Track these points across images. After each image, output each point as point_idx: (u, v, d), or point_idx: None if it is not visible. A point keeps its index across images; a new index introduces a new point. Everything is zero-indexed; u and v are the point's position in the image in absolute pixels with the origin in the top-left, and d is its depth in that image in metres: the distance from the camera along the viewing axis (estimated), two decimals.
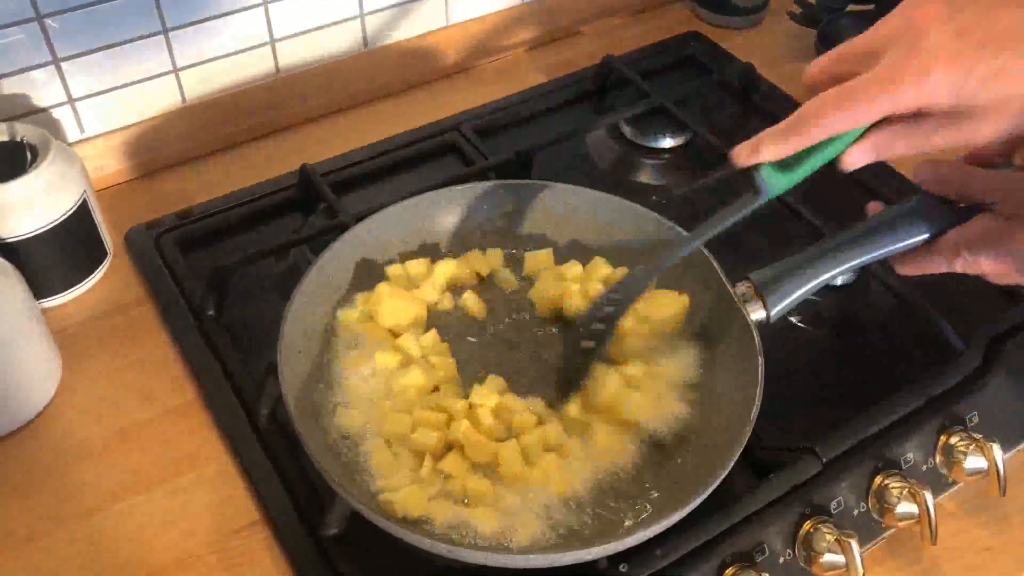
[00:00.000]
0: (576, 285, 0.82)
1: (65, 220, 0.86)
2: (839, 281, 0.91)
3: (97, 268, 0.92)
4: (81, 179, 0.88)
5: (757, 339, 0.73)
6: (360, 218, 0.90)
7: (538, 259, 0.86)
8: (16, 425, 0.81)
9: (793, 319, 0.89)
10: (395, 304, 0.80)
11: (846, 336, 0.88)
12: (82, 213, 0.88)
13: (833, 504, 0.73)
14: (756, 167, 0.62)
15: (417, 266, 0.85)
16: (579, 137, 1.06)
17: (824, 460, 0.74)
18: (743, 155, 0.62)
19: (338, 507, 0.71)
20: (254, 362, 0.84)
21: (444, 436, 0.72)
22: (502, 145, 1.04)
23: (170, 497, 0.77)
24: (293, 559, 0.72)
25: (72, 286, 0.90)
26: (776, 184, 0.63)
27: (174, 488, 0.78)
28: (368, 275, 0.84)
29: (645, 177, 1.04)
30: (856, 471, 0.74)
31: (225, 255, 0.93)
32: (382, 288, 0.81)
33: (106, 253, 0.93)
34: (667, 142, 1.05)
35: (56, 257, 0.87)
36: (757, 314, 0.73)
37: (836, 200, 0.99)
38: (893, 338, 0.87)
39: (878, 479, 0.74)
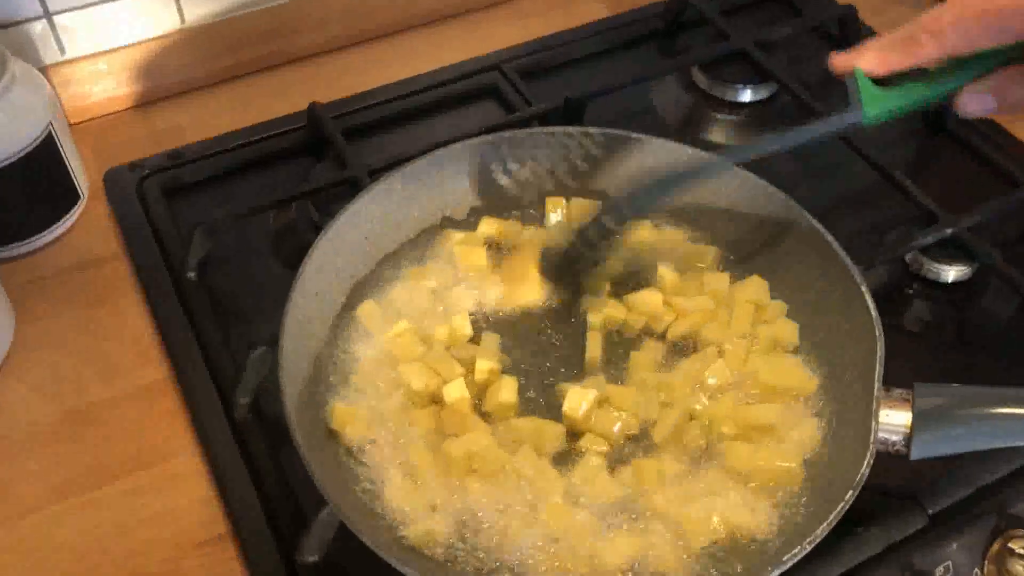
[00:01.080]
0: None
1: (25, 155, 0.72)
2: (951, 277, 0.74)
3: (66, 214, 0.79)
4: (46, 107, 0.74)
5: (865, 465, 0.54)
6: (372, 172, 0.76)
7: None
8: None
9: (893, 324, 0.72)
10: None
11: (960, 348, 0.72)
12: (47, 148, 0.74)
13: (939, 570, 0.59)
14: (853, 80, 0.56)
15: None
16: (642, 84, 0.90)
17: (930, 513, 0.60)
18: (840, 60, 0.56)
19: (318, 530, 0.58)
20: (237, 339, 0.71)
21: (433, 388, 0.63)
22: (550, 90, 0.88)
23: (124, 498, 0.64)
24: None
25: (34, 234, 0.77)
26: (872, 104, 0.56)
27: (130, 487, 0.65)
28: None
29: (719, 135, 0.88)
30: (971, 529, 0.60)
31: (217, 205, 0.80)
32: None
33: (79, 196, 0.79)
34: (747, 95, 0.90)
35: (13, 199, 0.74)
36: (891, 437, 0.55)
37: (954, 178, 0.83)
38: (1020, 352, 0.70)
39: (998, 541, 0.60)
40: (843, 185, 0.82)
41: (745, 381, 0.64)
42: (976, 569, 0.59)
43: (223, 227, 0.75)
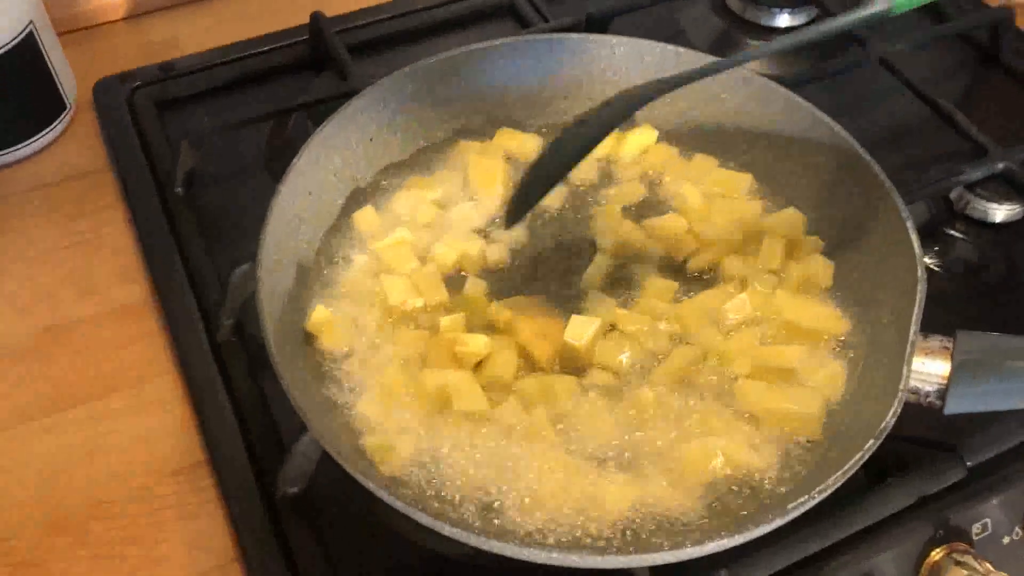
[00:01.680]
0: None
1: (2, 56, 0.67)
2: (999, 217, 0.68)
3: (51, 124, 0.74)
4: (25, 7, 0.69)
5: (891, 414, 0.48)
6: None
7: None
8: None
9: (934, 266, 0.66)
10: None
11: (1008, 294, 0.66)
12: (27, 50, 0.69)
13: (976, 528, 0.54)
14: None
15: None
16: (671, 4, 0.84)
17: (969, 465, 0.55)
18: None
19: (297, 459, 0.53)
20: (224, 258, 0.66)
21: (409, 308, 0.58)
22: (572, 10, 0.81)
23: (96, 421, 0.60)
24: (234, 519, 0.55)
25: (15, 143, 0.72)
26: None
27: (103, 410, 0.61)
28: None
29: (753, 64, 0.80)
30: (1013, 485, 0.55)
31: (210, 120, 0.74)
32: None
33: (65, 106, 0.75)
34: (784, 19, 0.83)
35: None
36: (924, 387, 0.49)
37: (1007, 111, 0.76)
38: None
39: None
40: (886, 116, 0.76)
41: (768, 320, 0.58)
42: (1017, 527, 0.54)
43: (213, 138, 0.70)
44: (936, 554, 0.52)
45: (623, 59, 0.67)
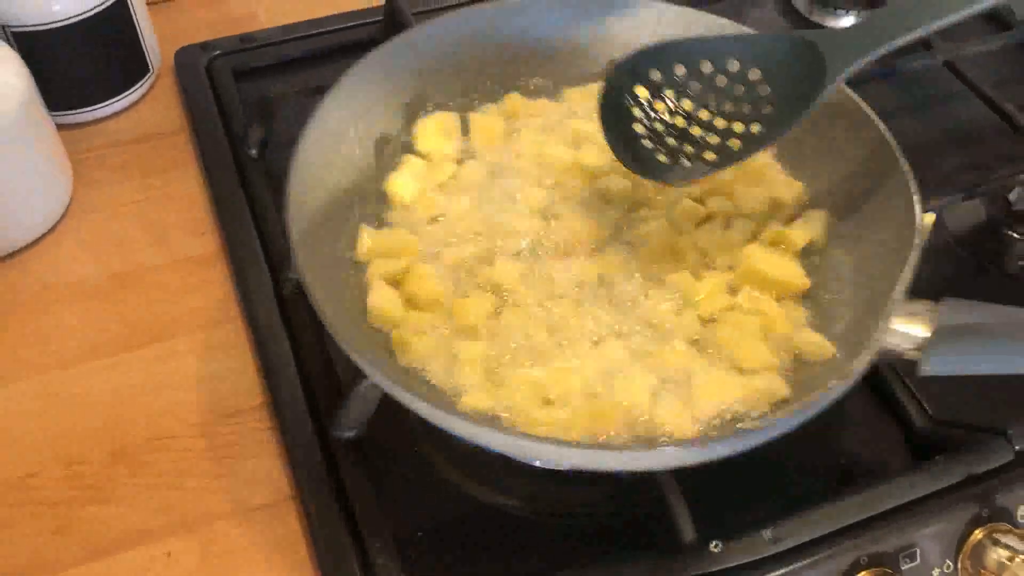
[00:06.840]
0: None
1: (96, 15, 0.71)
2: None
3: (134, 85, 0.77)
4: None
5: (859, 360, 0.48)
6: None
7: None
8: (3, 251, 0.67)
9: (987, 264, 0.67)
10: None
11: None
12: (118, 12, 0.72)
13: (1022, 510, 0.53)
14: None
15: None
16: (737, 5, 0.85)
17: (1018, 448, 0.55)
18: None
19: (357, 404, 0.55)
20: None
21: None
22: None
23: (163, 361, 0.62)
24: (292, 458, 0.57)
25: (101, 101, 0.75)
26: None
27: (170, 351, 0.63)
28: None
29: None
30: None
31: (284, 87, 0.77)
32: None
33: (148, 69, 0.78)
34: (850, 21, 0.83)
35: (82, 60, 0.73)
36: (903, 344, 0.49)
37: None
38: None
39: None
40: (950, 118, 0.76)
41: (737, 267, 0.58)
42: None
43: (286, 104, 0.73)
44: (979, 534, 0.52)
45: (669, 25, 0.66)
